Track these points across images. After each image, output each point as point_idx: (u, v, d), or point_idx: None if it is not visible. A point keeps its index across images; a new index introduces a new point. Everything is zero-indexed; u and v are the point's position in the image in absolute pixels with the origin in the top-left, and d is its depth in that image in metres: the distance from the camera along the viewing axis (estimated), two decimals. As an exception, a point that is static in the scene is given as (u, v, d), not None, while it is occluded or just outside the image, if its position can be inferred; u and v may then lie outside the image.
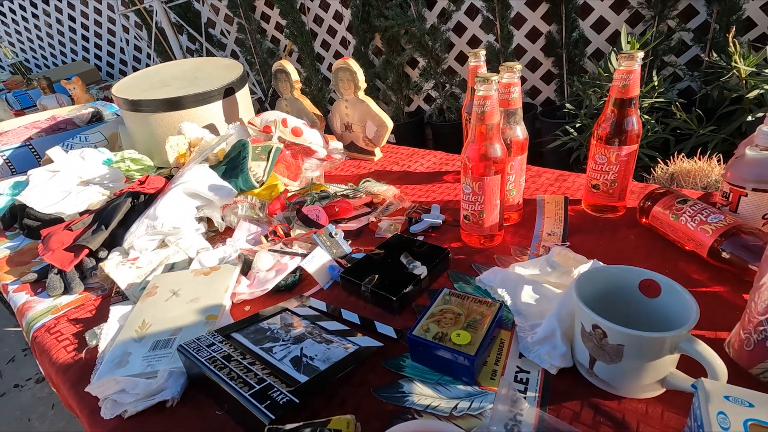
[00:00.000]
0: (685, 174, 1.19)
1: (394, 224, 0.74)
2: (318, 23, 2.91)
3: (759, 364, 0.39)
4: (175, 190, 0.75)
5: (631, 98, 0.62)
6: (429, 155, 1.05)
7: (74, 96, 2.31)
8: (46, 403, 1.68)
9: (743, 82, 1.53)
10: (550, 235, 0.67)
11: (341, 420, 0.34)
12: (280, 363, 0.44)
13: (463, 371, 0.44)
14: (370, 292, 0.56)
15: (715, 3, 1.87)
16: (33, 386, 1.78)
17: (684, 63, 2.08)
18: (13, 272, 0.78)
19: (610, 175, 0.67)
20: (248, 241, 0.74)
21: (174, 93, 1.13)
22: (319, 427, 0.34)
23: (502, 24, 2.24)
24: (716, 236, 0.53)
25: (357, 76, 0.98)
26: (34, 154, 1.39)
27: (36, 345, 0.60)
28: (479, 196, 0.61)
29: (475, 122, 0.59)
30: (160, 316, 0.56)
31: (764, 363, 0.39)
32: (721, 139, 1.58)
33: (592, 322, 0.38)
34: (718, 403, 0.30)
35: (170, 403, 0.46)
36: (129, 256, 0.71)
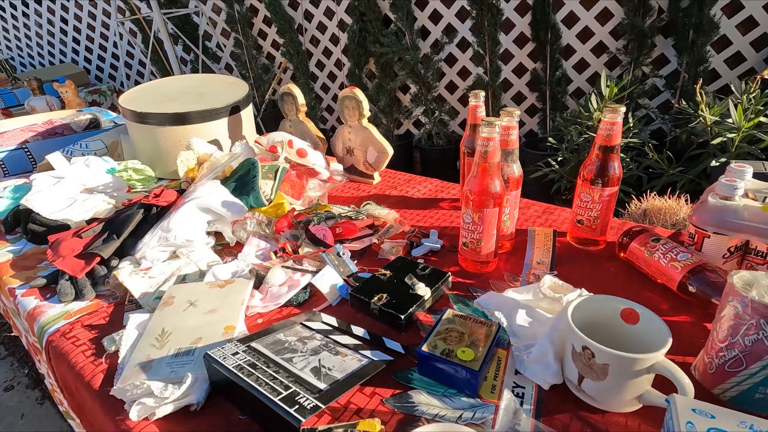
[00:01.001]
0: (656, 211, 1.29)
1: (396, 247, 0.80)
2: (314, 44, 2.99)
3: (719, 385, 0.46)
4: (189, 204, 0.79)
5: (614, 146, 0.70)
6: (425, 182, 1.11)
7: (65, 99, 2.30)
8: (15, 412, 1.62)
9: (708, 129, 1.67)
10: (539, 263, 0.74)
11: (369, 423, 0.39)
12: (301, 372, 0.49)
13: (467, 385, 0.49)
14: (379, 310, 0.61)
15: (685, 54, 2.05)
16: (1, 394, 1.72)
17: (656, 106, 2.25)
18: (18, 276, 0.79)
19: (594, 212, 0.74)
20: (257, 257, 0.78)
21: (180, 108, 1.17)
22: (349, 428, 0.38)
23: (491, 58, 2.37)
24: (684, 272, 0.61)
25: (362, 105, 1.04)
26: (29, 158, 1.39)
27: (51, 348, 0.62)
28: (478, 226, 0.68)
29: (478, 159, 0.65)
30: (179, 325, 0.59)
31: (724, 384, 0.46)
32: (688, 179, 1.72)
33: (583, 344, 0.44)
34: (687, 415, 0.36)
35: (194, 408, 0.49)
36: (141, 266, 0.74)
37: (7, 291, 0.77)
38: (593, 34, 2.25)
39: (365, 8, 2.57)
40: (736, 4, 1.95)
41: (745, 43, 2.00)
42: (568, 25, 2.27)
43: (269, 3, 2.83)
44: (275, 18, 2.88)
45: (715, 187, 0.65)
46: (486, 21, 2.27)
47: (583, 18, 2.23)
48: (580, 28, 2.25)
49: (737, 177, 0.63)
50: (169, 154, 1.19)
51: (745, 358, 0.43)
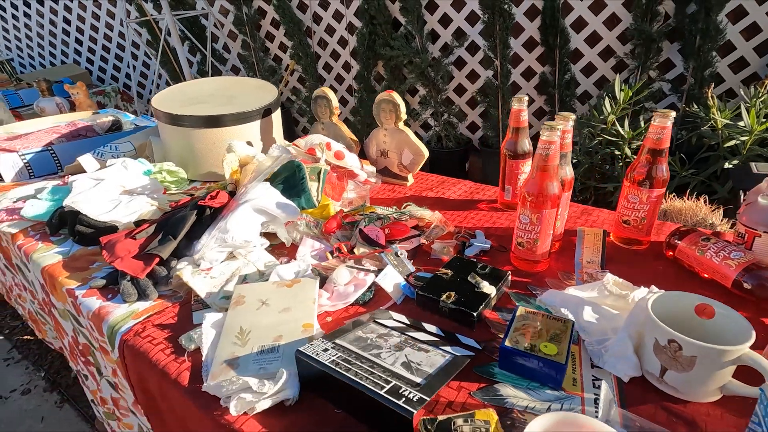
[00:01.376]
0: (676, 212, 1.33)
1: (447, 247, 0.82)
2: (322, 46, 3.01)
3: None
4: (245, 206, 0.80)
5: (663, 149, 0.73)
6: (459, 183, 1.13)
7: (76, 101, 2.28)
8: (34, 416, 1.61)
9: (719, 131, 1.72)
10: (589, 262, 0.76)
11: (485, 413, 0.41)
12: (393, 367, 0.50)
13: (551, 378, 0.51)
14: (449, 308, 0.63)
15: (692, 59, 2.10)
16: (18, 398, 1.70)
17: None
18: (74, 277, 0.80)
19: (641, 213, 0.77)
20: (312, 257, 0.79)
21: (212, 110, 1.18)
22: (468, 417, 0.40)
23: (502, 62, 2.41)
24: (739, 270, 0.64)
25: (400, 108, 1.06)
26: (54, 160, 1.39)
27: (127, 347, 0.63)
28: (536, 226, 0.70)
29: (538, 162, 0.68)
30: (256, 323, 0.61)
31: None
32: (699, 181, 1.77)
33: (669, 337, 0.47)
34: (784, 401, 0.39)
35: (289, 402, 0.51)
36: (201, 267, 0.75)
37: (65, 292, 0.78)
38: (601, 39, 2.29)
39: (375, 12, 2.59)
40: (740, 10, 2.00)
41: (749, 49, 2.06)
42: (576, 30, 2.32)
43: (278, 5, 2.84)
44: (284, 21, 2.89)
45: (761, 188, 0.68)
46: (498, 25, 2.31)
47: (592, 23, 2.27)
48: (589, 32, 2.30)
49: (784, 179, 0.66)
50: (202, 156, 1.20)
51: (821, 349, 0.46)
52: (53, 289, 0.83)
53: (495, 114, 2.55)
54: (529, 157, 0.93)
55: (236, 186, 0.96)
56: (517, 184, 0.94)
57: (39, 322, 1.38)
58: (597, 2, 2.21)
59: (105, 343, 0.69)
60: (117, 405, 0.93)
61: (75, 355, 0.99)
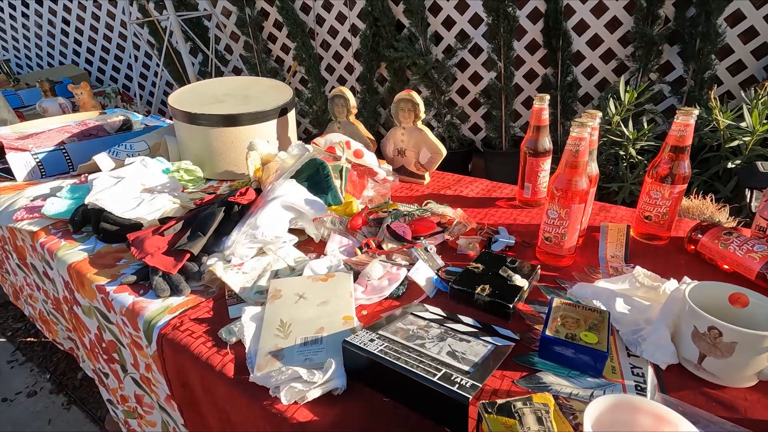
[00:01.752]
0: (684, 210, 1.36)
1: (472, 243, 0.83)
2: (325, 48, 3.02)
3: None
4: (274, 202, 0.81)
5: (686, 146, 0.75)
6: (475, 182, 1.15)
7: (80, 101, 2.27)
8: (42, 418, 1.60)
9: (721, 132, 1.75)
10: (613, 257, 0.78)
11: (543, 396, 0.42)
12: (439, 356, 0.52)
13: (592, 366, 0.52)
14: (484, 300, 0.64)
15: (692, 62, 2.14)
16: (24, 400, 1.69)
17: (661, 111, 2.34)
18: (103, 274, 0.80)
19: (663, 209, 0.79)
20: (341, 252, 0.80)
21: (229, 109, 1.19)
22: (527, 400, 0.41)
23: (505, 64, 2.44)
24: (763, 263, 0.66)
25: (419, 108, 1.08)
26: (66, 159, 1.38)
27: (165, 341, 0.64)
28: (564, 221, 0.72)
29: (567, 158, 0.69)
30: (296, 316, 0.62)
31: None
32: (702, 180, 1.80)
33: (709, 324, 0.48)
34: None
35: (338, 392, 0.52)
36: (231, 262, 0.76)
37: (95, 288, 0.78)
38: (602, 41, 2.33)
39: (379, 13, 2.61)
40: (738, 14, 2.05)
41: (747, 52, 2.11)
42: (578, 33, 2.35)
43: (281, 7, 2.85)
44: (287, 22, 2.90)
45: (783, 184, 0.70)
46: (501, 27, 2.33)
47: (594, 26, 2.31)
48: (590, 35, 2.34)
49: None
50: (219, 155, 1.21)
51: None
52: (80, 285, 0.83)
53: (498, 115, 2.58)
54: (549, 155, 0.95)
55: (259, 184, 0.97)
56: (537, 181, 0.96)
57: (50, 323, 1.37)
58: (599, 5, 2.25)
59: (139, 338, 0.70)
60: (140, 402, 0.93)
61: (96, 353, 0.99)
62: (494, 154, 2.64)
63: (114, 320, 0.78)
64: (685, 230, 0.83)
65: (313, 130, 3.22)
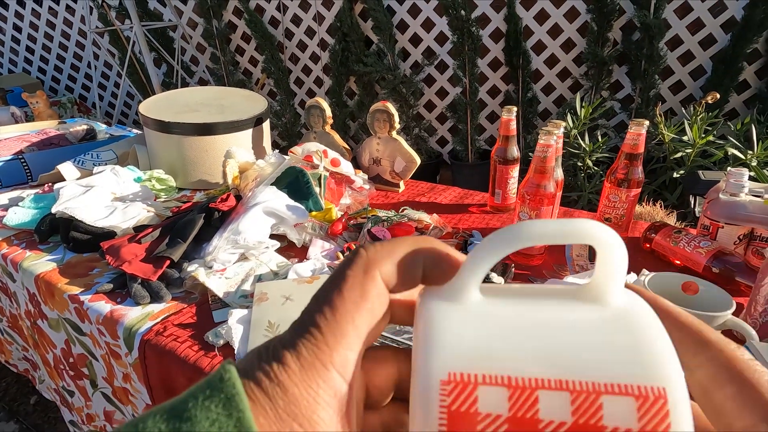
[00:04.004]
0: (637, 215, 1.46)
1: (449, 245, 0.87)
2: (293, 61, 3.05)
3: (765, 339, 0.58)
4: (256, 208, 0.82)
5: (639, 153, 0.83)
6: (448, 190, 1.20)
7: (36, 110, 2.17)
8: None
9: (666, 145, 1.91)
10: (578, 256, 0.84)
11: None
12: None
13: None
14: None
15: (638, 81, 2.33)
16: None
17: (613, 126, 2.51)
18: (76, 283, 0.78)
19: (621, 211, 0.86)
20: (323, 257, 0.82)
21: (205, 119, 1.19)
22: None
23: (470, 80, 2.55)
24: (708, 257, 0.73)
25: (394, 118, 1.12)
26: (25, 169, 1.32)
27: (149, 347, 0.63)
28: (535, 222, 0.77)
29: (536, 164, 0.75)
30: (284, 316, 0.63)
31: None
32: (651, 189, 1.95)
33: (667, 309, 0.54)
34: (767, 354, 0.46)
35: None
36: (214, 268, 0.76)
37: (67, 298, 0.75)
38: (559, 61, 2.49)
39: (348, 29, 2.67)
40: (676, 39, 2.26)
41: (685, 73, 2.32)
42: (537, 52, 2.50)
43: (250, 20, 2.85)
44: (255, 35, 2.91)
45: (723, 187, 0.79)
46: (466, 45, 2.45)
47: (550, 46, 2.47)
48: (548, 55, 2.49)
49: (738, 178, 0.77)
50: (193, 164, 1.20)
51: (786, 314, 0.55)
52: (49, 297, 0.80)
53: (464, 129, 2.68)
54: (518, 163, 1.01)
55: (237, 191, 0.97)
56: (507, 188, 1.02)
57: (3, 342, 1.29)
58: (555, 28, 2.41)
59: (118, 347, 0.68)
60: (110, 419, 0.89)
61: (61, 370, 0.95)
62: (461, 165, 2.73)
63: (87, 331, 0.75)
64: (640, 231, 0.91)
65: (282, 142, 3.22)
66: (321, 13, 2.79)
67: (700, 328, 0.16)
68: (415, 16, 2.61)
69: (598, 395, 0.14)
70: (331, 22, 2.76)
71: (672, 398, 0.13)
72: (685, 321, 0.16)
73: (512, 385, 0.14)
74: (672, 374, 0.14)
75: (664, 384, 0.13)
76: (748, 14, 2.03)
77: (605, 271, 0.16)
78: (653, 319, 0.15)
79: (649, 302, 0.16)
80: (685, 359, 0.15)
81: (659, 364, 0.14)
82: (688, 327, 0.16)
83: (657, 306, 0.16)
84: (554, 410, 0.14)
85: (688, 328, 0.16)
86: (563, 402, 0.14)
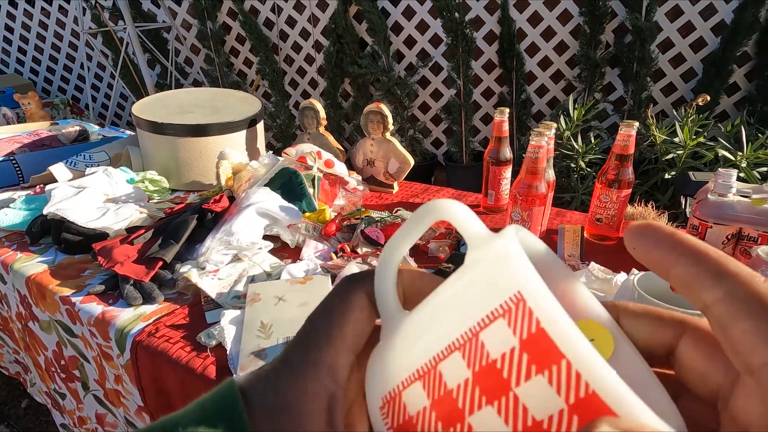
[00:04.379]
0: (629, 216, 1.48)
1: (441, 246, 0.88)
2: (288, 63, 3.04)
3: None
4: (249, 209, 0.82)
5: (629, 154, 0.83)
6: (441, 191, 1.21)
7: (27, 111, 2.16)
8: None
9: (657, 147, 1.93)
10: (570, 256, 0.85)
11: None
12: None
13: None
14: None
15: (630, 83, 2.35)
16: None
17: (605, 128, 2.54)
18: (67, 285, 0.77)
19: (612, 211, 0.87)
20: (317, 257, 0.82)
21: (198, 120, 1.19)
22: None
23: (464, 82, 2.56)
24: (697, 256, 0.74)
25: (387, 119, 1.13)
26: (16, 170, 1.31)
27: (141, 348, 0.62)
28: (527, 223, 0.78)
29: (528, 165, 0.76)
30: (277, 317, 0.63)
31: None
32: (643, 190, 1.96)
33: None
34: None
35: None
36: (207, 269, 0.75)
37: (58, 300, 0.75)
38: (552, 63, 2.51)
39: (342, 31, 2.68)
40: (668, 41, 2.28)
41: (676, 76, 2.35)
42: (530, 54, 2.52)
43: (244, 22, 2.85)
44: (250, 37, 2.91)
45: (711, 187, 0.80)
46: (460, 48, 2.46)
47: (544, 49, 2.49)
48: (541, 57, 2.51)
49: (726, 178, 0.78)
50: (186, 166, 1.20)
51: (772, 312, 0.56)
52: (41, 298, 0.80)
53: (458, 131, 2.69)
54: (510, 164, 1.02)
55: (231, 192, 0.97)
56: (500, 189, 1.03)
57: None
58: (548, 30, 2.43)
59: (110, 348, 0.68)
60: (102, 422, 0.89)
61: (52, 372, 0.94)
62: (455, 167, 2.74)
63: (79, 333, 0.75)
64: (631, 231, 0.92)
65: (277, 144, 3.21)
66: (315, 15, 2.80)
67: (718, 261, 0.14)
68: (409, 18, 2.62)
69: (477, 336, 0.14)
70: (325, 23, 2.77)
71: (529, 295, 0.13)
72: (704, 254, 0.15)
73: (421, 375, 0.15)
74: (520, 272, 0.14)
75: (517, 287, 0.13)
76: (738, 17, 2.06)
77: (465, 234, 0.17)
78: (510, 244, 0.15)
79: (667, 237, 0.15)
80: (701, 295, 0.14)
81: (508, 274, 0.14)
82: (706, 260, 0.14)
83: (674, 239, 0.15)
84: (456, 373, 0.14)
85: (705, 262, 0.14)
86: (458, 361, 0.14)
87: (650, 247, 0.16)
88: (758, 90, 2.15)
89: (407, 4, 2.58)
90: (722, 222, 0.76)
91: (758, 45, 2.12)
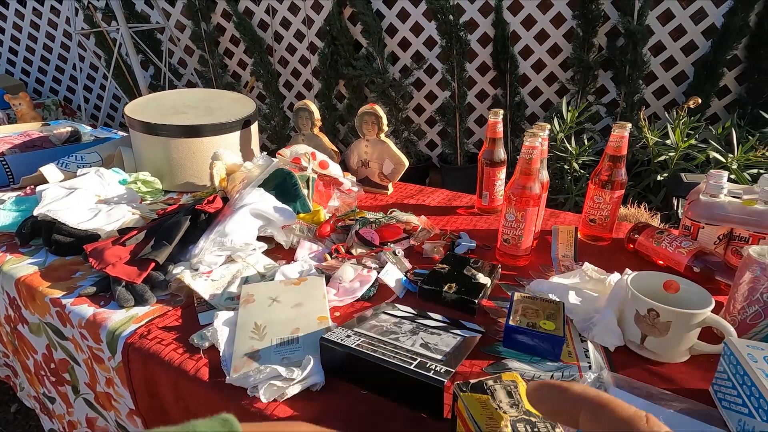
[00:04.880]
0: (622, 217, 1.49)
1: (436, 247, 0.88)
2: (283, 64, 3.04)
3: (742, 336, 0.59)
4: (243, 210, 0.81)
5: (622, 155, 0.84)
6: (435, 192, 1.21)
7: (19, 113, 2.14)
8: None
9: (650, 149, 1.95)
10: (564, 256, 0.85)
11: (510, 374, 0.45)
12: (413, 348, 0.54)
13: (551, 351, 0.57)
14: (451, 298, 0.68)
15: (623, 86, 2.37)
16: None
17: (598, 130, 2.55)
18: (58, 287, 0.76)
19: (605, 212, 0.88)
20: (311, 258, 0.82)
21: (192, 120, 1.18)
22: (497, 379, 0.44)
23: (458, 84, 2.57)
24: (689, 256, 0.75)
25: (382, 121, 1.13)
26: (6, 171, 1.30)
27: (132, 350, 0.62)
28: (521, 224, 0.78)
29: (521, 166, 0.76)
30: (270, 318, 0.62)
31: (745, 335, 0.59)
32: (636, 192, 1.98)
33: (648, 307, 0.55)
34: (744, 349, 0.47)
35: (316, 388, 0.53)
36: (200, 270, 0.75)
37: (48, 302, 0.74)
38: (546, 66, 2.53)
39: (337, 33, 2.68)
40: (659, 45, 2.31)
41: (668, 79, 2.37)
42: (524, 57, 2.54)
43: (239, 23, 2.85)
44: (244, 38, 2.90)
45: (703, 188, 0.80)
46: (454, 50, 2.47)
47: (537, 51, 2.50)
48: (535, 59, 2.53)
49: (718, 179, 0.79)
50: (179, 167, 1.19)
51: (763, 311, 0.56)
52: (30, 300, 0.78)
53: (453, 132, 2.70)
54: (504, 165, 1.02)
55: (224, 193, 0.97)
56: (494, 190, 1.03)
57: (-17, 348, 1.26)
58: (541, 33, 2.45)
59: (101, 351, 0.67)
60: (92, 426, 0.87)
61: (42, 376, 0.93)
62: (450, 168, 2.75)
63: (69, 335, 0.74)
64: (624, 232, 0.92)
65: (271, 145, 3.20)
66: (310, 17, 2.80)
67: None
68: (404, 20, 2.63)
69: None
70: (320, 25, 2.77)
71: None
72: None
73: None
74: None
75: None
76: (728, 21, 2.09)
77: None
78: None
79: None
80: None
81: None
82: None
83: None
84: None
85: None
86: None
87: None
88: (748, 93, 2.18)
89: (402, 7, 2.59)
90: (714, 222, 0.77)
91: (748, 48, 2.14)
